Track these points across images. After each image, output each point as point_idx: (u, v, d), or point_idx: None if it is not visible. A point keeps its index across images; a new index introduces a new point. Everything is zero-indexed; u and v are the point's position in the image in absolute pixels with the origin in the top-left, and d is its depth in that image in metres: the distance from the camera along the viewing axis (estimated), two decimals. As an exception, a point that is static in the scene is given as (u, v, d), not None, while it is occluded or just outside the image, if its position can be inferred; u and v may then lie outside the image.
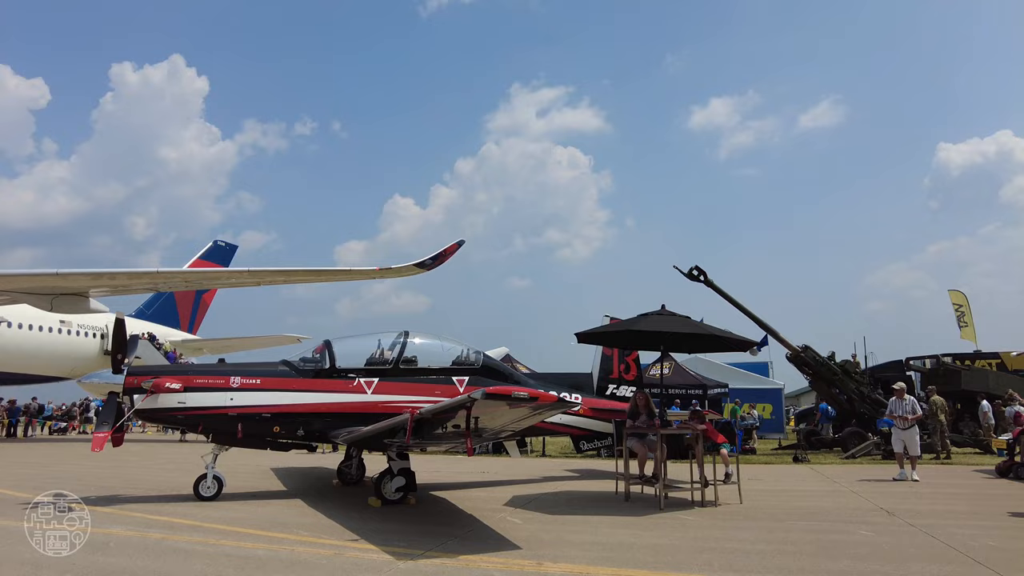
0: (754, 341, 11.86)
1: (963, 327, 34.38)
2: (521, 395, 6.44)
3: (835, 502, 9.86)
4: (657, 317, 10.09)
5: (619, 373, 13.38)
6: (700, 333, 10.10)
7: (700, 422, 9.95)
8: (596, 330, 11.25)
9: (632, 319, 10.33)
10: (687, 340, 10.80)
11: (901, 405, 13.28)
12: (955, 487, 12.04)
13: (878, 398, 21.23)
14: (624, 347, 12.53)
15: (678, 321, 10.11)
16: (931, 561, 5.90)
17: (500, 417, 7.60)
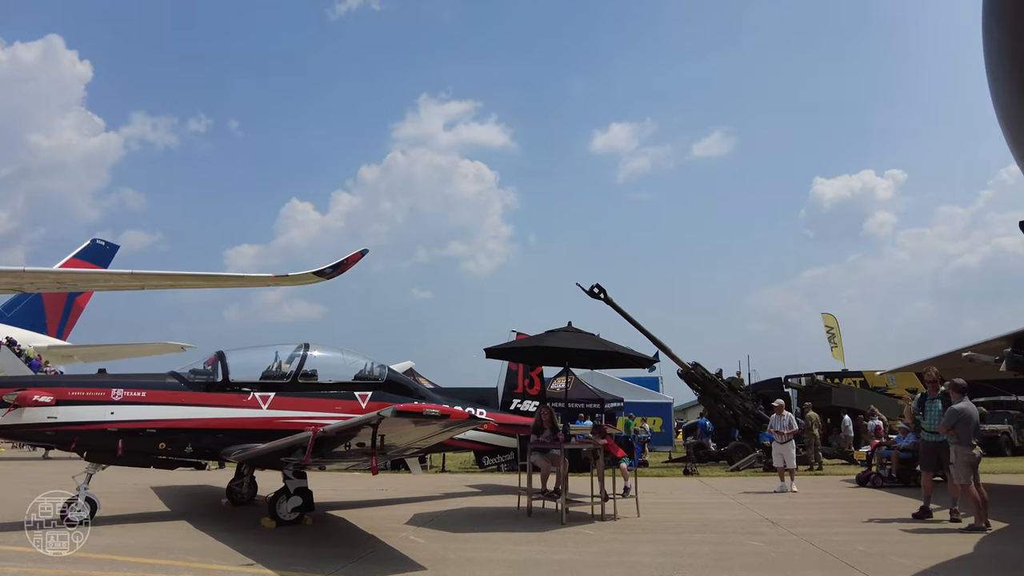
0: (653, 358, 12.34)
1: (834, 347, 37.42)
2: (432, 412, 6.35)
3: (725, 514, 10.37)
4: (564, 334, 10.29)
5: (523, 388, 13.49)
6: (604, 350, 10.39)
7: (602, 436, 10.20)
8: (505, 346, 11.32)
9: (540, 335, 10.48)
10: (591, 356, 11.08)
11: (780, 421, 14.20)
12: (827, 496, 13.00)
13: (760, 413, 22.62)
14: (531, 363, 12.67)
15: (584, 338, 10.35)
16: (815, 568, 6.34)
17: (408, 435, 7.46)
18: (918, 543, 7.58)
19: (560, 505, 9.48)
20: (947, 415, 8.84)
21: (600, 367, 11.92)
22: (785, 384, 30.26)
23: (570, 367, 11.47)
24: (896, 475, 13.98)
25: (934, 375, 10.08)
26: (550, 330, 10.54)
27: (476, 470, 18.99)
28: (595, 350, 10.32)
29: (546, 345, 10.00)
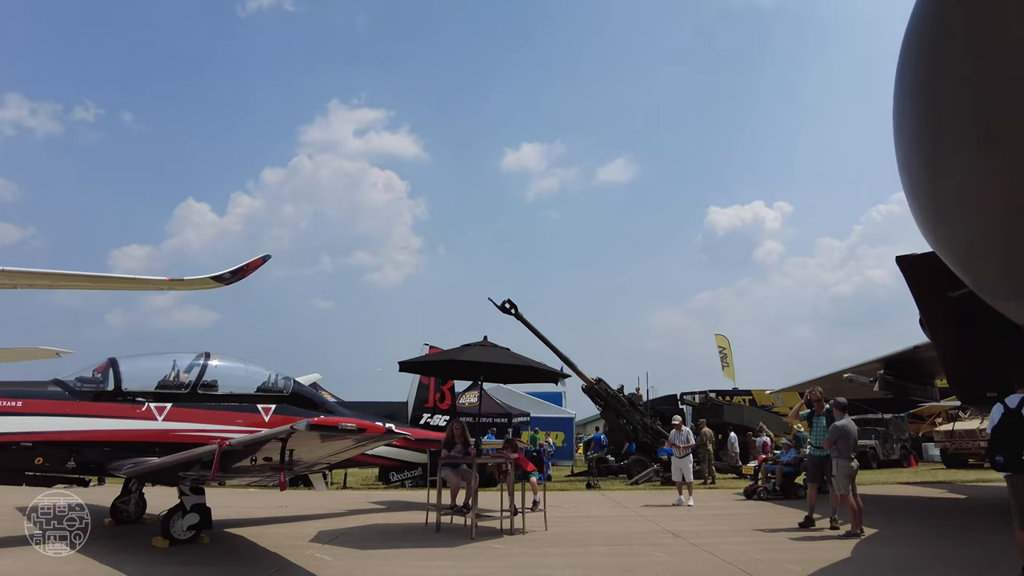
0: (563, 373, 12.62)
1: (725, 367, 39.55)
2: (348, 427, 6.20)
3: (628, 526, 10.70)
4: (479, 348, 10.34)
5: (434, 402, 13.41)
6: (518, 364, 10.52)
7: (513, 451, 10.29)
8: (419, 359, 11.22)
9: (456, 349, 10.47)
10: (506, 370, 11.17)
11: (679, 436, 14.82)
12: (721, 509, 13.67)
13: (658, 429, 23.52)
14: (446, 377, 12.62)
15: (499, 352, 10.44)
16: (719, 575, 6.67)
17: (320, 449, 7.25)
18: (805, 550, 8.14)
19: (471, 520, 9.46)
20: (830, 431, 9.58)
21: (513, 381, 12.04)
22: (681, 401, 31.64)
23: (485, 381, 11.51)
24: (779, 488, 14.91)
25: (819, 394, 10.86)
26: (466, 344, 10.57)
27: (379, 486, 18.60)
28: (510, 364, 10.43)
29: (462, 359, 10.01)
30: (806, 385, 15.63)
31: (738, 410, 29.69)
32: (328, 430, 6.13)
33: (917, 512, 12.63)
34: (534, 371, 11.16)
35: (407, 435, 8.83)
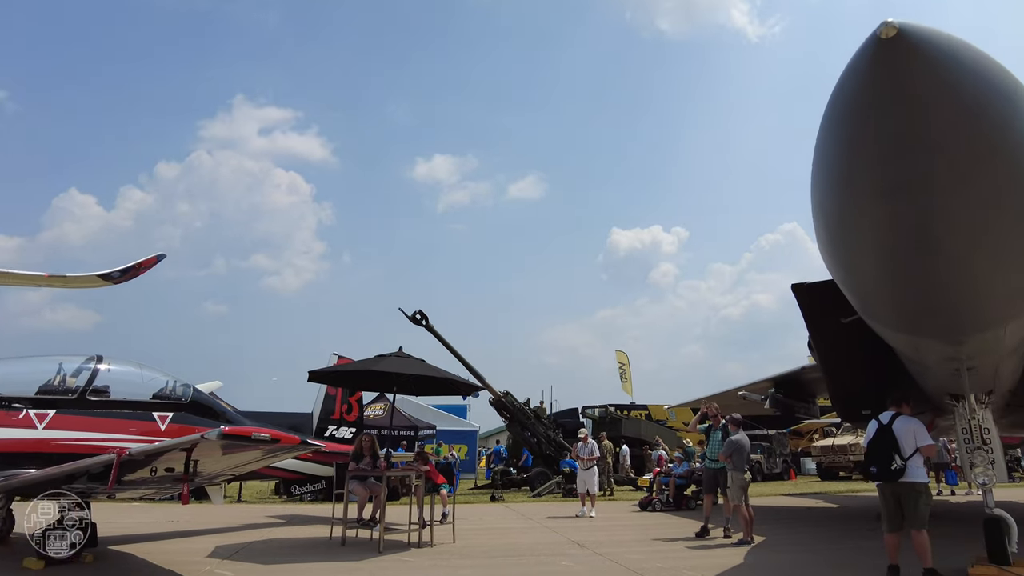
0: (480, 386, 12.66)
1: (624, 382, 40.96)
2: (262, 437, 6.01)
3: (534, 537, 10.89)
4: (395, 359, 10.23)
5: (341, 414, 13.10)
6: (435, 377, 10.49)
7: (424, 463, 10.24)
8: (332, 369, 10.96)
9: (370, 360, 10.31)
10: (421, 383, 11.08)
11: (584, 448, 15.24)
12: (621, 520, 14.12)
13: (561, 442, 24.03)
14: (358, 388, 12.36)
15: (414, 363, 10.37)
16: (621, 584, 6.95)
17: (227, 460, 6.95)
18: (701, 557, 8.59)
19: (379, 533, 9.31)
20: (726, 445, 10.20)
21: (428, 394, 11.97)
22: (582, 414, 32.50)
23: (399, 393, 11.38)
24: (672, 499, 15.60)
25: (715, 410, 11.51)
26: (380, 355, 10.42)
27: (277, 500, 17.89)
28: (426, 376, 10.38)
29: (378, 370, 9.86)
30: (700, 401, 16.44)
31: (635, 424, 30.84)
32: (241, 440, 5.91)
33: (798, 521, 13.61)
34: (450, 384, 11.17)
35: (321, 447, 8.62)
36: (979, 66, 2.91)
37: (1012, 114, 2.96)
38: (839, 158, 3.43)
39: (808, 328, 8.89)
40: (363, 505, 10.26)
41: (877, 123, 3.10)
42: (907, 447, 6.83)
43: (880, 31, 2.90)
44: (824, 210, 3.83)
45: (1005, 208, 3.36)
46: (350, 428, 13.20)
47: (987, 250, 3.68)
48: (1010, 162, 3.11)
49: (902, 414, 7.11)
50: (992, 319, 4.87)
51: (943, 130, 3.06)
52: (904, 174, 3.22)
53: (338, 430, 13.10)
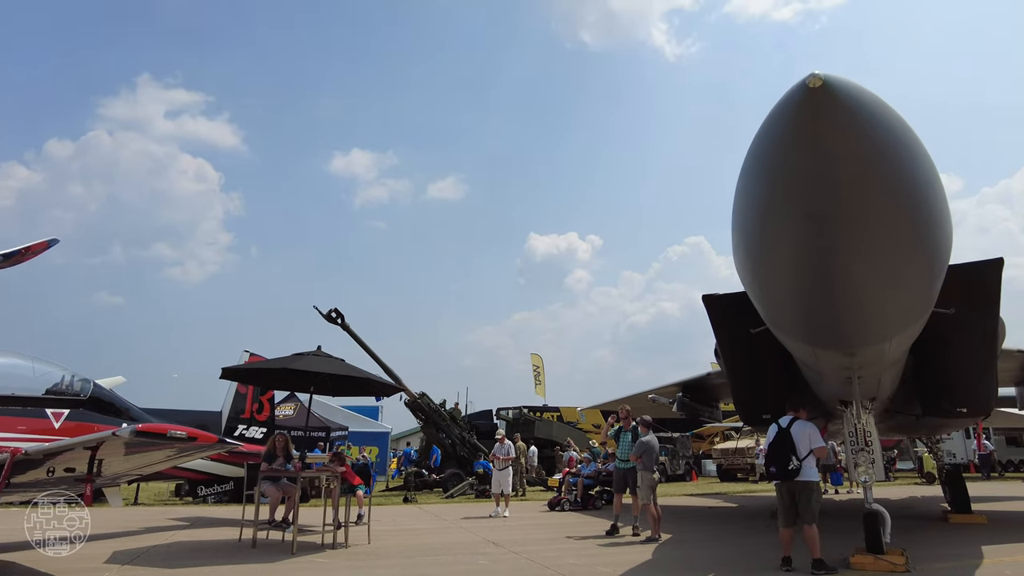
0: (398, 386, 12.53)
1: (538, 384, 41.58)
2: (178, 435, 5.80)
3: (450, 538, 10.95)
4: (314, 357, 10.02)
5: (251, 413, 12.69)
6: (356, 377, 10.35)
7: (341, 464, 10.10)
8: (247, 367, 10.59)
9: (288, 358, 10.04)
10: (341, 382, 10.89)
11: (501, 449, 15.43)
12: (534, 519, 14.39)
13: (476, 443, 24.19)
14: (273, 387, 11.98)
15: (334, 363, 10.20)
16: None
17: (135, 459, 6.65)
18: (613, 554, 8.93)
19: (292, 535, 9.11)
20: (637, 446, 10.64)
21: (345, 394, 11.77)
22: (496, 416, 32.77)
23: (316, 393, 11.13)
24: (580, 499, 16.03)
25: (625, 412, 11.95)
26: (298, 353, 10.18)
27: (177, 502, 17.04)
28: (347, 376, 10.23)
29: (295, 368, 9.63)
30: (612, 404, 17.05)
31: (548, 425, 31.39)
32: (156, 438, 5.68)
33: (701, 519, 14.35)
34: (370, 384, 11.05)
35: (238, 445, 8.34)
36: (885, 117, 3.40)
37: (908, 160, 3.49)
38: (762, 187, 3.82)
39: (716, 336, 9.44)
40: (275, 506, 10.01)
41: (798, 160, 3.53)
42: (803, 449, 7.43)
43: (808, 81, 3.30)
44: (744, 231, 4.23)
45: (896, 241, 3.90)
46: (261, 428, 12.82)
47: (879, 277, 4.29)
48: (903, 202, 3.67)
49: (799, 419, 7.73)
50: (880, 335, 5.55)
51: (851, 171, 3.53)
52: (816, 206, 3.70)
53: (248, 429, 12.69)
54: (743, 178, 4.01)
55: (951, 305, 5.80)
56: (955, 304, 5.85)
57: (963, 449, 29.78)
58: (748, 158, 3.90)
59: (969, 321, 7.04)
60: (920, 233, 3.94)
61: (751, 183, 3.92)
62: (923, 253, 4.16)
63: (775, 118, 3.57)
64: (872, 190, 3.58)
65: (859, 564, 7.24)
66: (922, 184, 3.65)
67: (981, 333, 7.80)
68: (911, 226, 3.85)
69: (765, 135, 3.64)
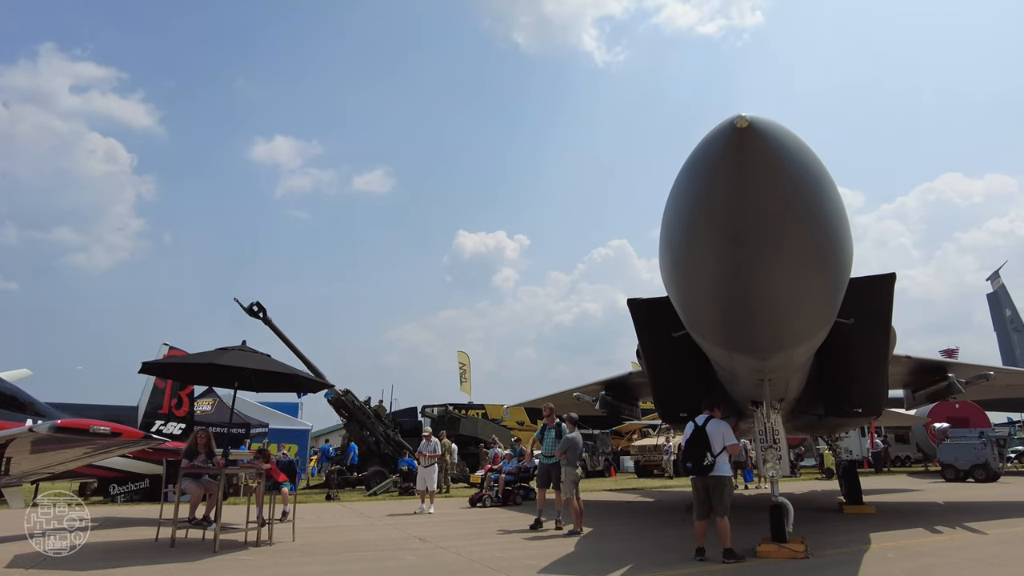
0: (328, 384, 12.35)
1: (463, 382, 41.70)
2: (102, 430, 5.63)
3: (376, 534, 10.96)
4: (239, 352, 9.79)
5: (170, 408, 12.25)
6: (284, 373, 10.18)
7: (265, 461, 9.95)
8: (169, 361, 10.22)
9: (213, 352, 9.75)
10: (264, 378, 10.67)
11: (427, 446, 15.49)
12: (458, 515, 14.56)
13: (400, 440, 24.08)
14: (193, 382, 11.60)
15: (260, 358, 10.00)
16: (467, 572, 7.36)
17: (49, 456, 6.37)
18: (537, 548, 9.23)
19: (214, 533, 8.91)
20: (562, 442, 10.98)
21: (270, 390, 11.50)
22: (422, 413, 32.69)
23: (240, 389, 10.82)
24: (500, 496, 16.31)
25: (549, 409, 12.28)
26: (223, 347, 9.92)
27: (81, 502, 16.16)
28: (275, 372, 10.03)
29: (221, 363, 9.37)
30: (538, 401, 17.41)
31: (473, 423, 31.56)
32: (77, 434, 5.50)
33: (621, 513, 14.89)
34: (297, 380, 10.88)
35: (164, 441, 8.09)
36: (800, 154, 3.88)
37: (818, 193, 4.01)
38: (690, 210, 4.26)
39: (639, 338, 9.89)
40: (196, 504, 9.75)
41: (724, 189, 4.01)
42: (717, 446, 7.94)
43: (736, 121, 3.76)
44: (671, 245, 4.62)
45: (806, 262, 4.42)
46: (179, 424, 12.40)
47: (790, 292, 4.85)
48: (813, 229, 4.19)
49: (714, 417, 8.24)
50: (789, 342, 6.14)
51: (770, 201, 4.03)
52: (737, 230, 4.15)
53: (166, 425, 12.25)
54: (673, 200, 4.40)
55: (851, 316, 6.41)
56: (854, 314, 6.44)
57: (858, 446, 32.04)
58: (679, 183, 4.29)
59: (865, 330, 7.73)
60: (826, 255, 4.48)
61: (681, 205, 4.31)
62: (828, 272, 4.70)
63: (705, 151, 3.96)
64: (787, 218, 4.05)
65: (765, 552, 7.82)
66: (829, 213, 4.16)
67: (875, 341, 8.57)
68: (819, 249, 4.37)
69: (696, 165, 4.05)
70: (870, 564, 7.54)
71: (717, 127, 3.91)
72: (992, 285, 49.96)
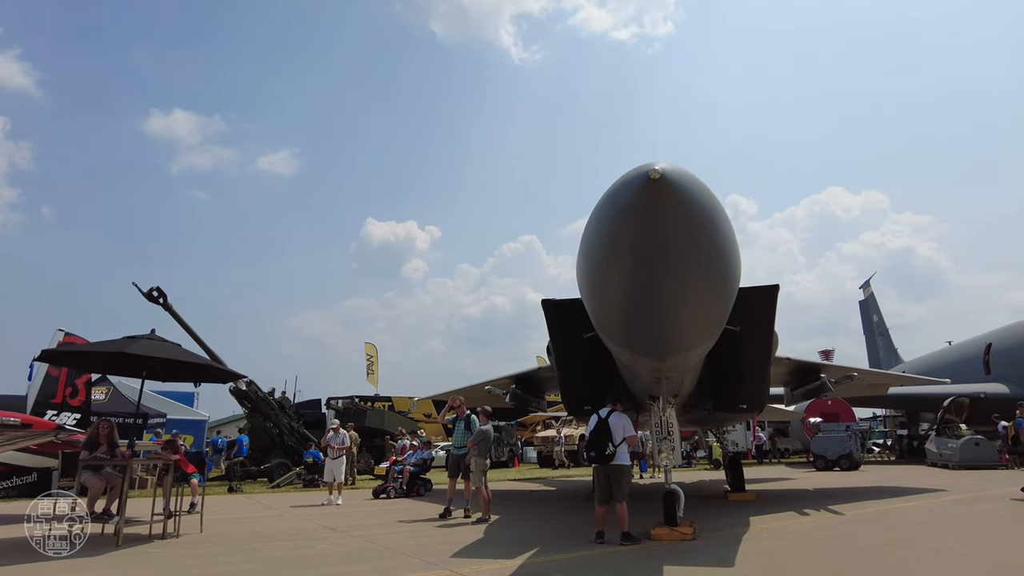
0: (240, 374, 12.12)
1: (370, 374, 41.35)
2: (10, 421, 5.53)
3: (286, 525, 11.00)
4: (149, 341, 9.54)
5: (64, 397, 11.71)
6: (195, 363, 10.00)
7: (174, 451, 9.79)
8: (72, 349, 9.78)
9: (121, 340, 9.43)
10: (173, 367, 10.43)
11: (336, 438, 15.53)
12: (366, 506, 14.70)
13: (304, 432, 23.76)
14: (97, 370, 11.12)
15: (170, 347, 9.78)
16: (382, 558, 7.67)
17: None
18: (448, 534, 9.63)
19: (119, 526, 8.70)
20: (476, 433, 11.43)
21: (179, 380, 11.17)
22: (327, 405, 32.25)
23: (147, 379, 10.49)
24: (405, 487, 16.58)
25: (459, 401, 12.67)
26: (131, 336, 9.62)
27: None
28: (186, 362, 9.84)
29: (130, 352, 9.10)
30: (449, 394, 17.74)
31: (379, 415, 31.50)
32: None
33: (526, 501, 15.55)
34: (207, 370, 10.70)
35: (77, 432, 7.83)
36: (702, 196, 4.66)
37: (716, 228, 4.82)
38: (610, 237, 5.07)
39: (551, 336, 10.49)
40: (96, 497, 9.47)
41: (639, 224, 4.80)
42: (618, 436, 8.63)
43: (650, 172, 4.47)
44: (591, 263, 5.29)
45: (703, 283, 5.24)
46: (74, 414, 11.86)
47: (687, 305, 5.74)
48: (710, 257, 4.98)
49: (616, 410, 8.94)
50: (686, 346, 6.98)
51: (675, 234, 4.83)
52: (648, 255, 4.97)
53: (59, 416, 11.69)
54: (596, 226, 5.09)
55: (739, 321, 7.25)
56: (742, 321, 7.30)
57: (743, 439, 34.52)
58: (601, 213, 4.99)
59: (751, 334, 8.67)
60: (718, 276, 5.36)
61: (604, 232, 5.00)
62: (720, 290, 5.55)
63: (625, 192, 4.74)
64: (688, 247, 4.84)
65: (658, 535, 8.59)
66: (722, 241, 4.97)
67: (760, 344, 9.58)
68: (712, 271, 5.24)
69: (615, 200, 4.75)
70: (748, 543, 8.45)
71: (635, 175, 4.62)
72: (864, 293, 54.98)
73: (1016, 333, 30.21)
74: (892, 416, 42.76)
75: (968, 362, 32.68)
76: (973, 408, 27.13)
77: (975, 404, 27.24)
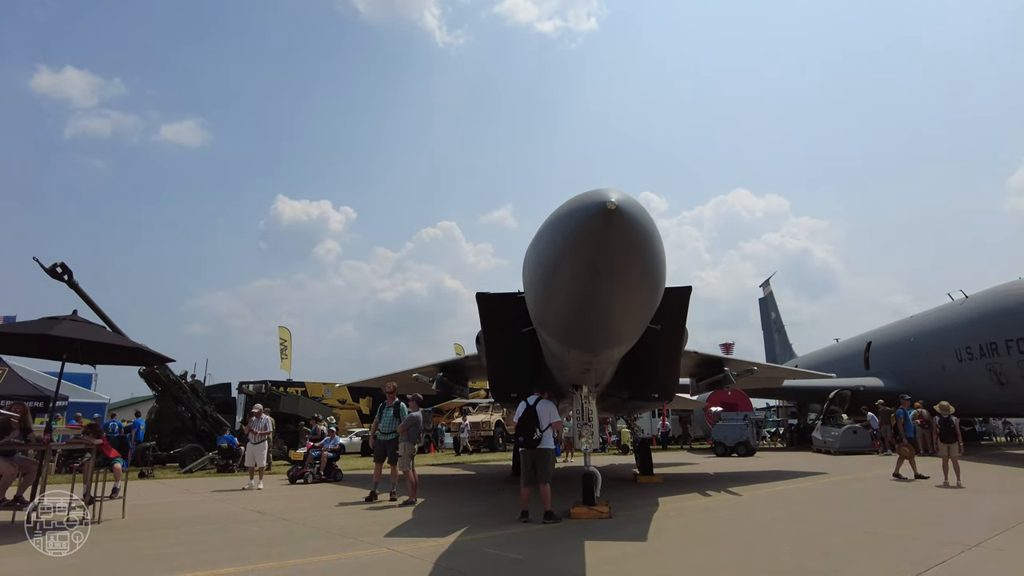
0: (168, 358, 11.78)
1: (284, 359, 40.44)
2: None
3: (210, 509, 10.98)
4: (71, 323, 9.25)
5: (-32, 379, 11.11)
6: (123, 345, 9.78)
7: (97, 436, 9.59)
8: None
9: (42, 322, 9.10)
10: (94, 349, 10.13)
11: (258, 423, 15.39)
12: (287, 490, 14.68)
13: (218, 417, 23.23)
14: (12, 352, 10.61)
15: (94, 329, 9.54)
16: (318, 539, 7.91)
17: None
18: (379, 516, 9.95)
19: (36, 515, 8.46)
20: (405, 420, 11.75)
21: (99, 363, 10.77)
22: (239, 390, 31.44)
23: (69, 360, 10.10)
24: (323, 472, 16.67)
25: (392, 388, 12.96)
26: (52, 317, 9.30)
27: None
28: (112, 344, 9.61)
29: (52, 334, 8.79)
30: (378, 381, 17.93)
31: (293, 401, 31.05)
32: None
33: (449, 485, 16.02)
34: (131, 353, 10.45)
35: (13, 416, 7.56)
36: (643, 220, 5.38)
37: (651, 245, 5.60)
38: (562, 251, 5.68)
39: (483, 327, 10.98)
40: (8, 484, 9.16)
41: (592, 244, 5.46)
42: (544, 422, 9.24)
43: (607, 203, 5.17)
44: (543, 266, 5.78)
45: (638, 291, 6.04)
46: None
47: (622, 309, 6.45)
48: (646, 271, 5.75)
49: (543, 398, 9.54)
50: (616, 343, 7.68)
51: (620, 252, 5.53)
52: (595, 268, 5.63)
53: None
54: (550, 235, 5.67)
55: (658, 322, 7.98)
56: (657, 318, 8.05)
57: (650, 426, 36.36)
58: (556, 228, 5.64)
59: (665, 330, 9.48)
60: (653, 286, 6.09)
61: (557, 241, 5.60)
62: (649, 295, 6.30)
63: (582, 213, 5.36)
64: (630, 263, 5.60)
65: (577, 514, 9.27)
66: (656, 257, 5.69)
67: (672, 339, 10.44)
68: (645, 281, 5.98)
69: (573, 220, 5.40)
70: (657, 521, 9.28)
71: (592, 202, 5.32)
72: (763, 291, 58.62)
73: (892, 332, 33.31)
74: (784, 406, 46.03)
75: (851, 358, 35.73)
76: (854, 400, 29.90)
77: (856, 396, 30.01)
